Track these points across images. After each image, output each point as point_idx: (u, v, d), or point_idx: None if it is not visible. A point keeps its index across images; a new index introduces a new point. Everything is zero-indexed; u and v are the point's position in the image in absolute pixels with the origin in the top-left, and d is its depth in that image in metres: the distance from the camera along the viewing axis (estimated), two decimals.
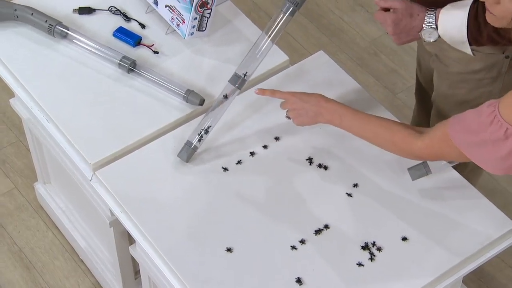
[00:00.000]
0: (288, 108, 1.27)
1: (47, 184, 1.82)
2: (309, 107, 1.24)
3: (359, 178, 1.32)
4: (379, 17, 1.26)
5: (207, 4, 1.42)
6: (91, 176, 1.32)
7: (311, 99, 1.25)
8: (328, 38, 2.34)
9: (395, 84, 2.24)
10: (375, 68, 2.28)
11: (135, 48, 1.48)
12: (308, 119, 1.25)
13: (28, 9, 1.46)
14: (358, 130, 1.22)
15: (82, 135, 1.35)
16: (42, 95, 1.40)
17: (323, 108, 1.23)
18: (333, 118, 1.23)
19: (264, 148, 1.35)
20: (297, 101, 1.25)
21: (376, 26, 2.39)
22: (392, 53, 2.32)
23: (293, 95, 1.26)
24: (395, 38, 1.27)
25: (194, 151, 1.32)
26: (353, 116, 1.22)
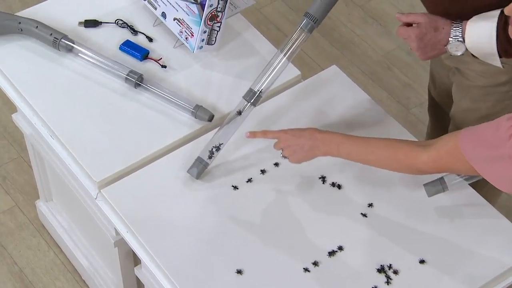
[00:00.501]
0: (282, 147, 1.26)
1: (49, 202, 1.82)
2: (303, 141, 1.23)
3: (373, 197, 1.31)
4: (402, 32, 1.26)
5: (217, 17, 1.43)
6: (96, 195, 1.32)
7: (304, 133, 1.24)
8: (339, 51, 2.34)
9: (409, 99, 2.24)
10: (388, 82, 2.28)
11: (142, 62, 1.48)
12: (304, 154, 1.24)
13: (33, 22, 1.47)
14: (358, 155, 1.20)
15: (87, 152, 1.35)
16: (46, 110, 1.40)
17: (318, 140, 1.22)
18: (330, 149, 1.22)
19: (275, 166, 1.35)
20: (290, 138, 1.24)
21: (389, 39, 2.40)
22: (406, 67, 2.32)
23: (285, 132, 1.25)
24: (420, 54, 1.27)
25: (205, 167, 1.32)
26: (350, 142, 1.20)
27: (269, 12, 2.45)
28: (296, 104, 1.44)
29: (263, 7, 2.45)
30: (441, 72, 1.51)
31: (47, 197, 1.80)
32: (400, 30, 1.26)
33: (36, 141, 1.54)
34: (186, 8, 1.43)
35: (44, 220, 1.89)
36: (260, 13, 2.43)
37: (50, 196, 1.80)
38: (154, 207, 1.29)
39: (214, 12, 1.42)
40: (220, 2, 1.41)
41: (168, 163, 1.35)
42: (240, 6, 1.57)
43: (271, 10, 2.45)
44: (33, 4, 1.58)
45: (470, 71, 1.36)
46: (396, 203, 1.30)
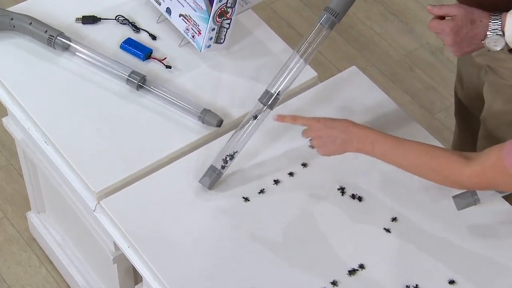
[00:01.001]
0: (312, 136, 1.26)
1: (41, 214, 1.82)
2: (336, 134, 1.23)
3: (398, 210, 1.31)
4: (435, 26, 1.25)
5: (227, 13, 1.43)
6: (95, 206, 1.32)
7: (338, 125, 1.23)
8: (357, 51, 2.34)
9: (433, 103, 2.24)
10: (410, 84, 2.28)
11: (145, 62, 1.48)
12: (335, 148, 1.24)
13: (26, 18, 1.48)
14: (394, 158, 1.20)
15: (85, 160, 1.35)
16: (41, 114, 1.40)
17: (352, 135, 1.22)
18: (363, 146, 1.21)
19: (290, 176, 1.35)
20: (322, 128, 1.24)
21: (412, 37, 2.40)
22: (430, 67, 2.32)
23: (317, 121, 1.25)
24: (455, 49, 1.26)
25: (219, 177, 1.32)
26: (386, 142, 1.20)
27: (280, 7, 2.45)
28: (313, 108, 1.43)
29: (274, 2, 2.45)
30: (471, 71, 1.51)
31: (39, 208, 1.80)
32: (433, 23, 1.26)
33: (29, 147, 1.54)
34: (193, 4, 1.43)
35: (35, 233, 1.89)
36: (271, 8, 2.44)
37: (42, 207, 1.80)
38: (158, 220, 1.29)
39: (223, 8, 1.42)
40: None
41: (173, 172, 1.35)
42: (251, 1, 1.57)
43: (282, 5, 2.45)
44: None
45: (505, 69, 1.35)
46: (423, 217, 1.30)
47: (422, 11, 2.45)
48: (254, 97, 1.44)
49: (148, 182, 1.33)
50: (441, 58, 2.33)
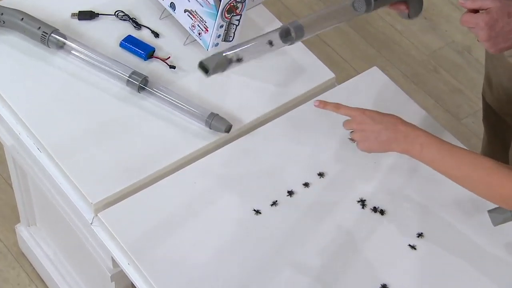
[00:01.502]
0: (354, 128, 1.25)
1: (32, 227, 1.82)
2: (381, 129, 1.22)
3: (424, 225, 1.30)
4: (468, 20, 1.25)
5: (236, 9, 1.43)
6: (92, 219, 1.32)
7: (386, 120, 1.23)
8: (376, 50, 2.34)
9: (460, 107, 2.24)
10: (435, 87, 2.28)
11: (147, 61, 1.48)
12: (378, 145, 1.23)
13: (18, 13, 1.48)
14: (443, 165, 1.19)
15: (81, 168, 1.35)
16: (33, 118, 1.40)
17: (400, 133, 1.21)
18: (411, 147, 1.21)
19: (305, 187, 1.35)
20: (368, 121, 1.23)
21: (436, 35, 2.40)
22: (456, 68, 2.32)
23: (362, 112, 1.25)
24: (490, 45, 1.26)
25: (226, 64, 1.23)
26: (437, 147, 1.20)
27: (292, 2, 2.45)
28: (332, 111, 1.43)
29: None
30: (501, 73, 1.50)
31: (29, 220, 1.80)
32: (466, 17, 1.25)
33: (19, 154, 1.54)
34: None
35: (25, 248, 1.89)
36: (281, 3, 2.44)
37: (33, 219, 1.80)
38: (161, 234, 1.29)
39: (233, 3, 1.42)
40: None
41: (177, 181, 1.34)
42: None
43: (295, 0, 2.46)
44: None
45: None
46: (452, 233, 1.29)
47: (447, 7, 2.45)
48: (265, 100, 1.45)
49: (150, 193, 1.33)
50: (469, 58, 2.33)
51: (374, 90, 1.48)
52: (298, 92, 1.46)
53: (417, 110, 1.46)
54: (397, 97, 1.48)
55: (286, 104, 1.45)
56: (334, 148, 1.39)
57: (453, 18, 2.42)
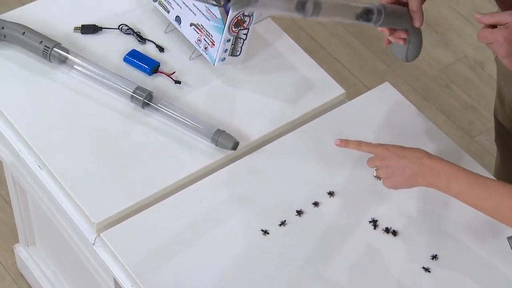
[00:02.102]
0: (379, 166, 1.26)
1: (31, 247, 1.81)
2: (406, 164, 1.22)
3: (439, 247, 1.29)
4: (486, 36, 1.25)
5: (244, 22, 1.43)
6: (94, 239, 1.31)
7: (409, 154, 1.23)
8: (386, 65, 2.34)
9: (472, 124, 2.23)
10: (446, 103, 2.28)
11: (151, 76, 1.48)
12: (404, 180, 1.23)
13: (19, 27, 1.48)
14: (471, 198, 1.19)
15: (83, 186, 1.34)
16: (34, 135, 1.40)
17: (425, 167, 1.21)
18: (437, 181, 1.21)
19: (315, 206, 1.34)
20: (392, 157, 1.24)
21: (447, 50, 2.39)
22: (468, 84, 2.31)
23: (385, 148, 1.25)
24: (510, 61, 1.25)
25: None
26: (465, 179, 1.19)
27: None
28: (343, 127, 1.43)
29: None
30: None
31: (28, 240, 1.80)
32: (484, 32, 1.25)
33: (19, 172, 1.54)
34: (206, 12, 1.44)
35: (24, 269, 1.88)
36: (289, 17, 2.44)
37: (32, 239, 1.79)
38: (166, 255, 1.28)
39: (240, 17, 1.42)
40: None
41: (182, 200, 1.34)
42: None
43: None
44: (18, 5, 1.59)
45: None
46: (468, 257, 1.28)
47: (458, 21, 2.45)
48: (273, 117, 1.44)
49: (155, 212, 1.32)
50: (481, 73, 2.32)
51: (386, 106, 1.48)
52: (308, 108, 1.45)
53: (430, 127, 1.46)
54: (409, 113, 1.47)
55: (295, 121, 1.44)
56: (345, 166, 1.39)
57: (465, 33, 2.42)
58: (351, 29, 2.42)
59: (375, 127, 1.44)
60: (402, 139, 1.42)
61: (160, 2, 1.52)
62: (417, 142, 1.42)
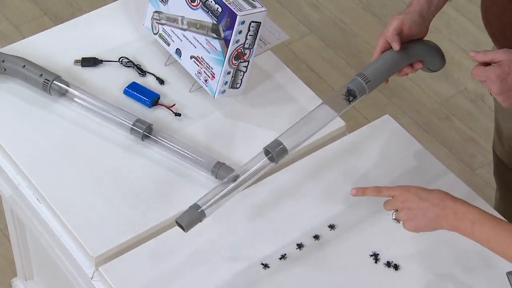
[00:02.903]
0: (399, 207, 1.22)
1: (29, 281, 1.80)
2: (429, 206, 1.19)
3: (440, 281, 1.28)
4: (479, 73, 1.25)
5: (244, 55, 1.44)
6: (93, 273, 1.30)
7: (432, 196, 1.20)
8: (386, 97, 2.35)
9: (474, 156, 2.23)
10: (447, 136, 2.27)
11: (151, 109, 1.49)
12: (426, 223, 1.20)
13: (19, 60, 1.49)
14: (499, 245, 1.15)
15: (82, 220, 1.34)
16: (33, 168, 1.40)
17: (448, 210, 1.18)
18: (461, 225, 1.17)
19: (315, 239, 1.33)
20: (414, 199, 1.21)
21: (448, 82, 2.40)
22: (469, 117, 2.31)
23: (407, 190, 1.22)
24: (503, 98, 1.26)
25: (200, 218, 1.23)
26: (490, 224, 1.16)
27: (300, 48, 2.47)
28: (343, 160, 1.43)
29: (293, 42, 2.47)
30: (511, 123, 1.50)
31: (26, 274, 1.78)
32: (477, 70, 1.26)
33: (18, 206, 1.53)
34: (207, 45, 1.44)
35: None
36: (289, 49, 2.46)
37: (30, 273, 1.78)
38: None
39: (240, 50, 1.42)
40: (248, 37, 1.41)
41: (182, 234, 1.32)
42: (271, 42, 1.58)
43: (302, 47, 2.48)
44: (19, 39, 1.60)
45: None
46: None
47: (458, 54, 2.46)
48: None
49: (154, 246, 1.32)
50: (482, 106, 2.33)
51: (386, 139, 1.47)
52: (308, 141, 1.45)
53: (431, 160, 1.45)
54: (410, 146, 1.47)
55: (295, 153, 1.44)
56: (345, 199, 1.38)
57: (465, 66, 2.43)
58: (351, 61, 2.43)
59: (375, 160, 1.44)
60: (403, 172, 1.42)
61: (161, 35, 1.53)
62: (418, 175, 1.42)
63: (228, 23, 1.39)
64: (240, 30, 1.39)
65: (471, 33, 2.49)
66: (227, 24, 1.40)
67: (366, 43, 2.46)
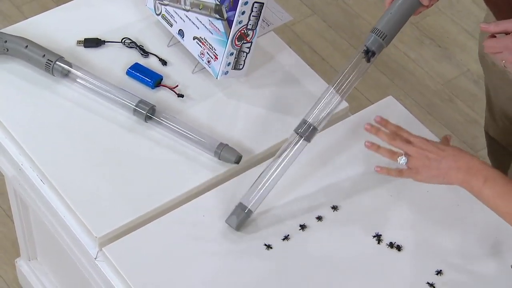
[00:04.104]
0: (413, 153, 1.20)
1: (33, 261, 1.81)
2: (444, 156, 1.18)
3: (443, 262, 1.28)
4: (493, 45, 1.22)
5: (247, 36, 1.43)
6: (96, 254, 1.31)
7: (450, 148, 1.19)
8: (389, 79, 2.34)
9: (476, 138, 2.23)
10: (450, 117, 2.27)
11: (154, 90, 1.48)
12: (437, 172, 1.18)
13: (22, 40, 1.48)
14: (505, 203, 1.14)
15: (86, 201, 1.34)
16: (37, 148, 1.40)
17: (464, 163, 1.16)
18: (471, 179, 1.16)
19: (318, 220, 1.34)
20: (431, 147, 1.19)
21: (451, 64, 2.39)
22: (472, 98, 2.31)
23: (425, 138, 1.21)
24: None
25: (248, 216, 1.30)
26: (503, 182, 1.14)
27: (302, 29, 2.46)
28: (346, 142, 1.43)
29: (295, 23, 2.46)
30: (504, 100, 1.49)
31: (30, 254, 1.79)
32: (490, 42, 1.22)
33: (21, 186, 1.53)
34: (209, 25, 1.44)
35: (25, 284, 1.87)
36: (292, 31, 2.45)
37: (34, 253, 1.78)
38: (168, 269, 1.27)
39: (243, 30, 1.42)
40: (251, 18, 1.41)
41: (185, 214, 1.33)
42: (274, 22, 1.57)
43: (305, 28, 2.47)
44: (20, 19, 1.60)
45: None
46: (474, 272, 1.28)
47: (462, 35, 2.45)
48: (277, 130, 1.44)
49: (157, 227, 1.32)
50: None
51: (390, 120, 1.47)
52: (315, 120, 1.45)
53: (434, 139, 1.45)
54: (413, 127, 1.46)
55: None
56: (348, 180, 1.38)
57: (468, 47, 2.42)
58: (354, 42, 2.43)
59: (379, 141, 1.44)
60: None
61: (163, 15, 1.53)
62: None
63: (231, 3, 1.39)
64: (243, 10, 1.39)
65: (474, 14, 2.48)
66: (230, 5, 1.39)
67: (369, 24, 2.45)
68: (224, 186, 1.37)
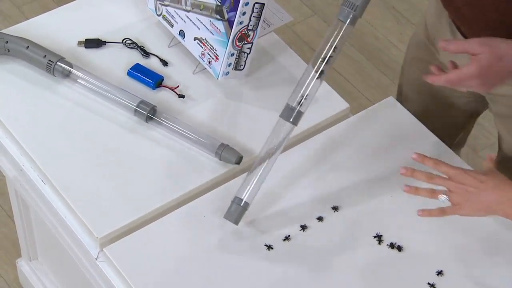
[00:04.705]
0: (453, 189, 1.18)
1: (33, 261, 1.81)
2: (483, 189, 1.15)
3: (444, 263, 1.28)
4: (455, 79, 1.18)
5: (248, 37, 1.43)
6: (97, 254, 1.31)
7: (489, 179, 1.15)
8: (389, 79, 2.34)
9: (477, 138, 2.23)
10: None
11: (155, 90, 1.48)
12: (479, 207, 1.16)
13: (23, 41, 1.48)
14: None
15: (87, 201, 1.34)
16: (37, 149, 1.40)
17: (504, 197, 1.14)
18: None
19: (319, 221, 1.34)
20: (469, 180, 1.16)
21: None
22: None
23: (464, 171, 1.16)
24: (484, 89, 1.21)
25: (245, 209, 1.30)
26: None
27: (303, 30, 2.46)
28: (347, 142, 1.43)
29: (296, 24, 2.47)
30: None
31: (31, 255, 1.79)
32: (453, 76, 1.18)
33: (22, 187, 1.53)
34: (210, 26, 1.44)
35: (26, 284, 1.87)
36: (292, 31, 2.45)
37: (35, 254, 1.79)
38: (170, 270, 1.27)
39: (244, 31, 1.42)
40: (252, 18, 1.41)
41: (186, 215, 1.34)
42: (274, 23, 1.58)
43: (305, 28, 2.47)
44: (21, 19, 1.60)
45: None
46: (474, 273, 1.28)
47: None
48: None
49: (158, 227, 1.32)
50: None
51: (390, 121, 1.48)
52: (311, 122, 1.45)
53: (435, 141, 1.45)
54: (413, 128, 1.47)
55: (298, 135, 1.44)
56: (349, 180, 1.38)
57: None
58: (354, 42, 2.43)
59: (379, 142, 1.44)
60: (407, 154, 1.41)
61: (164, 16, 1.53)
62: None
63: (232, 4, 1.39)
64: (244, 11, 1.39)
65: None
66: (231, 6, 1.39)
67: (369, 24, 2.45)
68: (224, 186, 1.37)
